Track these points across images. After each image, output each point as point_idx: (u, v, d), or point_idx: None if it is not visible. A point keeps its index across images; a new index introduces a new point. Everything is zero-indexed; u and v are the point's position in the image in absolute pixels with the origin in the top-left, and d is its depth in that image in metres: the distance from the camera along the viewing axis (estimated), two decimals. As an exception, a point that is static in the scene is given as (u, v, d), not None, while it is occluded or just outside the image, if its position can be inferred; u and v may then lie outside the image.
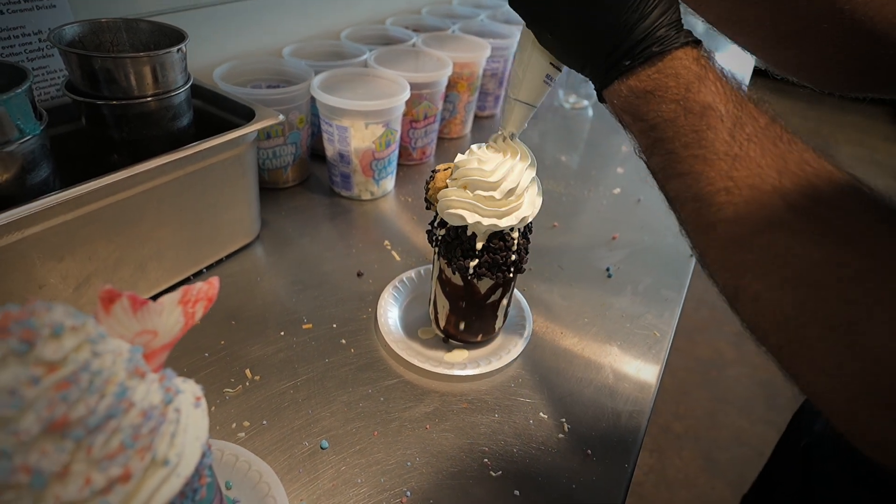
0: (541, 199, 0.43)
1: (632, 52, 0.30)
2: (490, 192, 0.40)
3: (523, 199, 0.41)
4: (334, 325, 0.52)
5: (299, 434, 0.42)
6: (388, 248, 0.63)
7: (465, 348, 0.51)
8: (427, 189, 0.44)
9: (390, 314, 0.53)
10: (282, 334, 0.50)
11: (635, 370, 0.51)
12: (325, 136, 0.68)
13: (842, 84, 0.41)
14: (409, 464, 0.41)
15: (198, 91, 0.58)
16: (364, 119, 0.64)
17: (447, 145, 0.87)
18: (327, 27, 0.88)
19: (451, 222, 0.42)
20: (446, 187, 0.42)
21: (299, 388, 0.46)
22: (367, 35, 0.87)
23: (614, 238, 0.68)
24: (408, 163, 0.80)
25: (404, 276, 0.57)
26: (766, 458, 0.65)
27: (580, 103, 1.03)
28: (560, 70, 0.38)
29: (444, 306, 0.48)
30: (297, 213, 0.67)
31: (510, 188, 0.40)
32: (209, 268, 0.57)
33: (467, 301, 0.46)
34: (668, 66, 0.29)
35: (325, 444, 0.42)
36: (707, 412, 1.51)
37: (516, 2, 0.35)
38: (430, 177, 0.44)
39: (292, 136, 0.67)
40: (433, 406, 0.46)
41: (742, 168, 0.27)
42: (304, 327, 0.51)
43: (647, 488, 1.33)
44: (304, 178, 0.73)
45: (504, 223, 0.41)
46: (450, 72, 0.74)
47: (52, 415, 0.18)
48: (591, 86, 0.34)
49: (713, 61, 0.30)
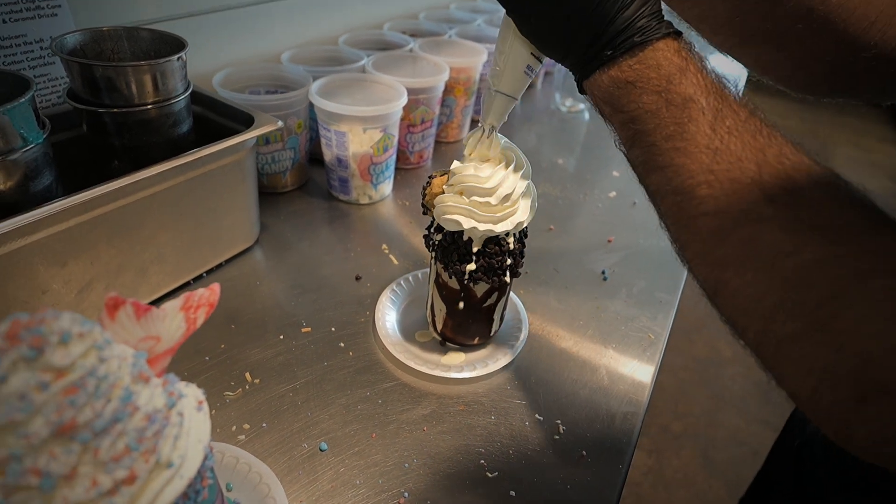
0: (535, 204, 0.44)
1: (613, 41, 0.30)
2: (486, 199, 0.40)
3: (518, 204, 0.42)
4: (333, 329, 0.53)
5: (299, 436, 0.43)
6: (386, 251, 0.64)
7: (461, 351, 0.51)
8: (424, 195, 0.45)
9: (388, 318, 0.53)
10: (281, 338, 0.51)
11: (630, 372, 0.52)
12: (323, 141, 0.68)
13: (812, 86, 0.41)
14: (406, 465, 0.42)
15: (197, 97, 0.59)
16: (362, 124, 0.64)
17: (444, 149, 0.88)
18: (325, 32, 0.89)
19: (448, 227, 0.43)
20: (443, 193, 0.43)
21: (298, 391, 0.46)
22: (365, 40, 0.87)
23: (610, 241, 0.69)
24: (405, 167, 0.80)
25: (402, 279, 0.57)
26: (762, 457, 0.66)
27: (576, 106, 1.03)
28: (541, 61, 0.38)
29: (441, 310, 0.49)
30: (296, 217, 0.68)
31: (505, 194, 0.41)
32: (209, 272, 0.58)
33: (464, 305, 0.47)
34: (650, 56, 0.29)
35: (324, 446, 0.42)
36: (705, 411, 1.52)
37: None
38: (427, 182, 0.45)
39: (291, 141, 0.68)
40: (430, 408, 0.46)
41: (723, 161, 0.27)
42: (302, 331, 0.52)
43: (645, 488, 1.34)
44: (303, 182, 0.74)
45: (499, 228, 0.42)
46: (446, 77, 0.74)
47: (60, 419, 0.19)
48: None
49: (694, 53, 0.30)
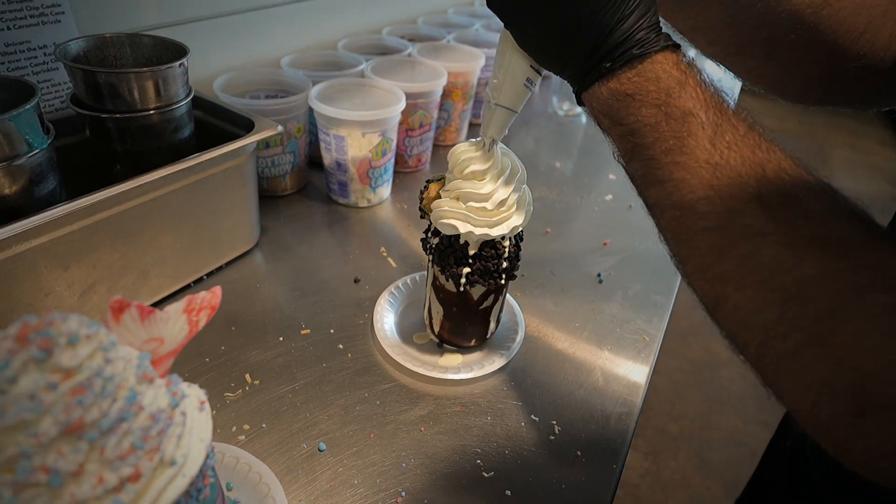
0: (531, 208, 0.45)
1: (612, 53, 0.30)
2: (482, 204, 0.41)
3: (514, 209, 0.43)
4: (332, 331, 0.53)
5: (298, 437, 0.44)
6: (385, 254, 0.64)
7: (458, 353, 0.52)
8: (421, 199, 0.46)
9: (386, 320, 0.54)
10: (280, 339, 0.52)
11: (625, 373, 0.52)
12: (322, 145, 0.69)
13: (803, 95, 0.42)
14: (404, 465, 0.42)
15: (198, 102, 0.59)
16: (361, 128, 0.65)
17: (443, 153, 0.88)
18: (325, 37, 0.90)
19: (445, 231, 0.43)
20: (439, 197, 0.44)
21: (298, 392, 0.47)
22: (364, 45, 0.88)
23: (605, 244, 0.70)
24: (404, 170, 0.81)
25: (400, 282, 0.58)
26: (759, 458, 0.66)
27: (573, 110, 1.04)
28: (541, 74, 0.38)
29: (438, 312, 0.50)
30: (296, 220, 0.69)
31: (501, 199, 0.41)
32: (209, 274, 0.58)
33: (461, 307, 0.48)
34: (649, 69, 0.29)
35: (323, 446, 0.43)
36: (701, 413, 1.53)
37: (494, 3, 0.34)
38: (424, 187, 0.46)
39: (290, 145, 0.69)
40: (428, 409, 0.47)
41: (723, 177, 0.27)
42: (302, 333, 0.53)
43: (643, 490, 1.34)
44: (303, 185, 0.75)
45: (495, 232, 0.42)
46: (444, 82, 0.75)
47: (68, 418, 0.20)
48: None
49: (693, 66, 0.30)
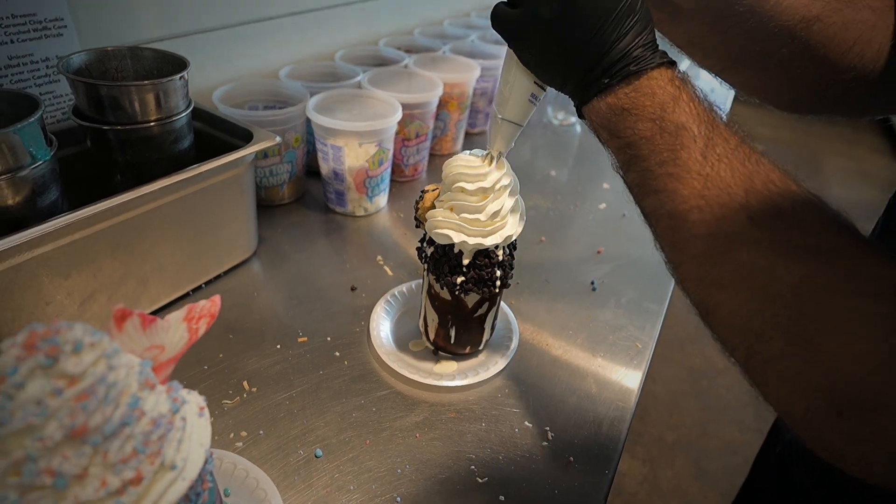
0: (524, 218, 0.46)
1: (610, 70, 0.31)
2: (475, 215, 0.42)
3: (507, 219, 0.44)
4: (328, 339, 0.54)
5: (295, 443, 0.44)
6: (381, 263, 0.65)
7: (453, 360, 0.53)
8: (416, 209, 0.47)
9: (382, 327, 0.55)
10: (278, 347, 0.53)
11: (617, 380, 0.53)
12: (319, 154, 0.70)
13: (795, 105, 0.43)
14: (399, 471, 0.43)
15: (198, 114, 0.60)
16: (358, 139, 0.66)
17: (439, 162, 0.89)
18: (322, 48, 0.91)
19: (439, 241, 0.44)
20: (434, 208, 0.45)
21: (295, 399, 0.48)
22: (361, 56, 0.90)
23: (599, 252, 0.71)
24: (400, 179, 0.82)
25: (396, 290, 0.59)
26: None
27: (568, 120, 1.06)
28: (545, 90, 0.39)
29: (433, 320, 0.50)
30: (293, 229, 0.70)
31: (494, 211, 0.42)
32: (208, 283, 0.59)
33: (455, 315, 0.49)
34: (645, 85, 0.31)
35: (320, 452, 0.43)
36: (698, 421, 1.53)
37: (499, 23, 0.36)
38: (420, 197, 0.47)
39: (288, 155, 0.70)
40: (423, 416, 0.48)
41: (713, 187, 0.28)
42: (299, 340, 0.54)
43: (641, 497, 1.34)
44: (300, 195, 0.76)
45: (489, 242, 0.43)
46: (440, 92, 0.76)
47: (73, 423, 0.20)
48: None
49: (687, 82, 0.32)
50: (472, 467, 0.44)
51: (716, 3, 0.38)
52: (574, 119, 1.06)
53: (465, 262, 0.45)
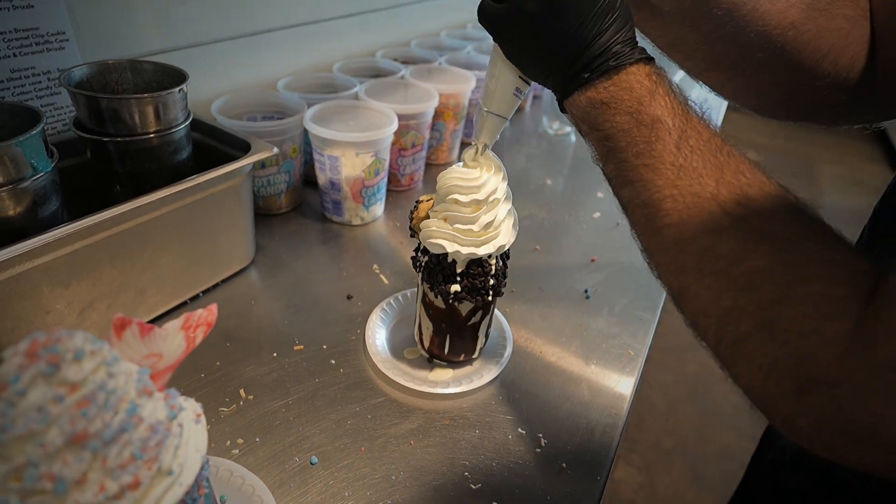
0: (517, 228, 0.46)
1: (590, 65, 0.33)
2: (468, 226, 0.43)
3: (500, 229, 0.44)
4: (324, 347, 0.55)
5: (290, 450, 0.45)
6: (377, 271, 0.66)
7: (448, 367, 0.53)
8: (411, 219, 0.48)
9: (378, 335, 0.55)
10: (274, 355, 0.53)
11: (610, 387, 0.54)
12: (317, 164, 0.71)
13: (772, 110, 0.44)
14: (393, 478, 0.43)
15: (197, 125, 0.61)
16: (354, 149, 0.67)
17: (435, 171, 0.90)
18: (320, 60, 0.92)
19: (433, 250, 0.45)
20: (428, 218, 0.45)
21: (291, 407, 0.48)
22: (358, 67, 0.91)
23: (593, 261, 0.71)
24: (397, 189, 0.83)
25: (392, 298, 0.60)
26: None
27: (563, 129, 1.07)
28: (529, 84, 0.41)
29: (428, 328, 0.51)
30: (291, 238, 0.70)
31: (488, 221, 0.43)
32: (206, 291, 0.60)
33: (449, 323, 0.49)
34: (623, 79, 0.32)
35: (315, 459, 0.44)
36: (695, 427, 1.54)
37: (484, 17, 0.37)
38: (414, 207, 0.48)
39: (286, 165, 0.70)
40: (417, 423, 0.48)
41: (685, 177, 0.30)
42: (295, 348, 0.54)
43: (637, 505, 1.34)
44: (297, 204, 0.77)
45: (482, 251, 0.44)
46: (436, 103, 0.78)
47: (73, 429, 0.21)
48: None
49: (663, 77, 0.33)
50: (466, 474, 0.44)
51: (694, 7, 0.39)
52: (569, 129, 1.07)
53: (459, 271, 0.45)
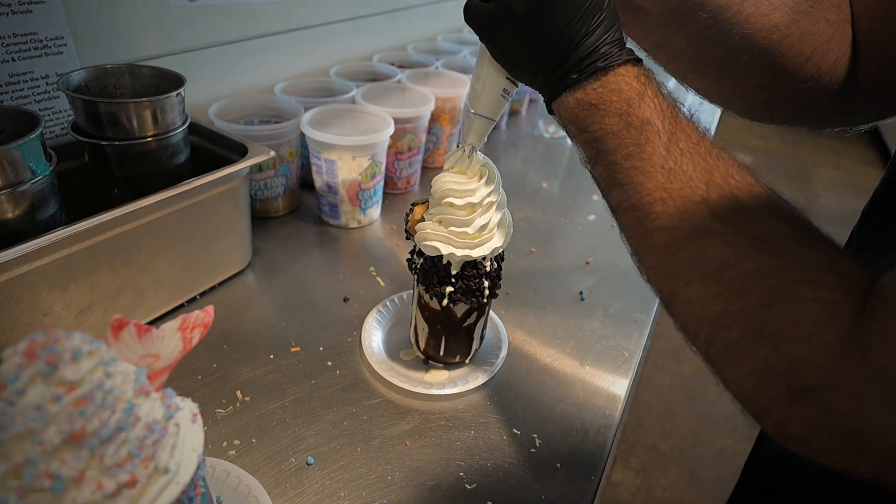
0: (511, 230, 0.47)
1: (578, 66, 0.32)
2: (463, 229, 0.43)
3: (494, 232, 0.45)
4: (321, 348, 0.55)
5: (287, 451, 0.45)
6: (374, 274, 0.66)
7: (444, 369, 0.54)
8: (406, 221, 0.48)
9: (374, 337, 0.56)
10: (271, 357, 0.53)
11: (604, 388, 0.54)
12: (313, 168, 0.72)
13: (756, 113, 0.45)
14: (389, 478, 0.44)
15: (194, 128, 0.62)
16: (351, 152, 0.68)
17: (431, 174, 0.91)
18: (317, 64, 0.93)
19: (428, 252, 0.45)
20: (423, 220, 0.46)
21: (287, 408, 0.49)
22: (355, 71, 0.91)
23: (588, 263, 0.72)
24: (393, 192, 0.84)
25: (388, 300, 0.60)
26: (746, 475, 0.68)
27: (559, 133, 1.08)
28: (516, 85, 0.40)
29: (423, 330, 0.52)
30: (288, 240, 0.71)
31: (482, 224, 0.44)
32: (203, 294, 0.60)
33: (445, 325, 0.50)
34: (612, 81, 0.32)
35: (311, 460, 0.44)
36: (692, 430, 1.54)
37: (471, 17, 0.37)
38: (410, 210, 0.48)
39: (283, 169, 0.71)
40: (413, 424, 0.49)
41: (675, 180, 0.29)
42: (292, 350, 0.55)
43: (634, 507, 1.35)
44: (294, 207, 0.77)
45: (476, 253, 0.44)
46: (432, 107, 0.78)
47: (71, 427, 0.21)
48: None
49: (652, 79, 0.32)
50: (461, 474, 0.45)
51: (679, 9, 0.39)
52: (564, 133, 1.08)
53: (454, 273, 0.46)
